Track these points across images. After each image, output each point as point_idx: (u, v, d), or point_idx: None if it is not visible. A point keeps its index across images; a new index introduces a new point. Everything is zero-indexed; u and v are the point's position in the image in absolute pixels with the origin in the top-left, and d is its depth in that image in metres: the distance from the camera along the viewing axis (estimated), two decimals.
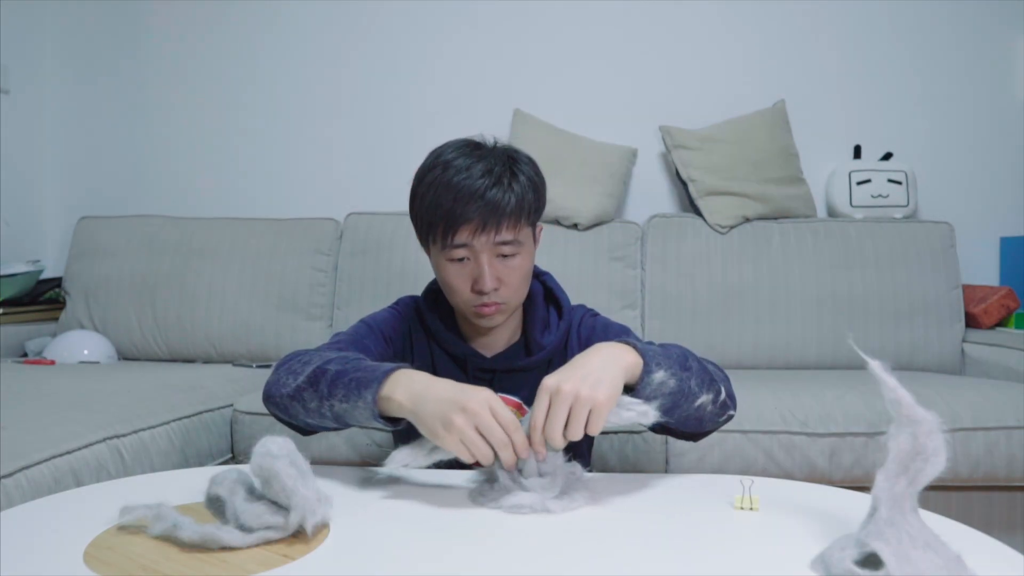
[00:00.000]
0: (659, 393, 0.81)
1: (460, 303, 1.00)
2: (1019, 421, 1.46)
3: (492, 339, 1.06)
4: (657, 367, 0.81)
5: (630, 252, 2.10)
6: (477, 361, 1.05)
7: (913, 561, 0.56)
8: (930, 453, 0.59)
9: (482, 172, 0.94)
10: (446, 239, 0.95)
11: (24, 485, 1.07)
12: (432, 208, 0.95)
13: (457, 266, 0.97)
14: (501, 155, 0.98)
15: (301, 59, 2.46)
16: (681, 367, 0.84)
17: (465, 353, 1.05)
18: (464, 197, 0.92)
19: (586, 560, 0.66)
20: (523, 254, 0.99)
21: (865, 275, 2.03)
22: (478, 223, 0.93)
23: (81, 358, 2.02)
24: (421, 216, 0.99)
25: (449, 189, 0.93)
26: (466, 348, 1.05)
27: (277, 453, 0.69)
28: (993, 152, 2.34)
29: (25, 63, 2.42)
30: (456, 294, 0.99)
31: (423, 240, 1.03)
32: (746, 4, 2.36)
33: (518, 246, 0.97)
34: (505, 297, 0.98)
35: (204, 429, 1.52)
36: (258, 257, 2.16)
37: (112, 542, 0.68)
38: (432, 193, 0.95)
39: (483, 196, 0.92)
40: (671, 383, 0.81)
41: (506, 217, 0.94)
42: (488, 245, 0.95)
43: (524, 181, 0.97)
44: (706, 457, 1.47)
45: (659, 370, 0.81)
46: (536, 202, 0.99)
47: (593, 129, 2.31)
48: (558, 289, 1.12)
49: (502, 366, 1.05)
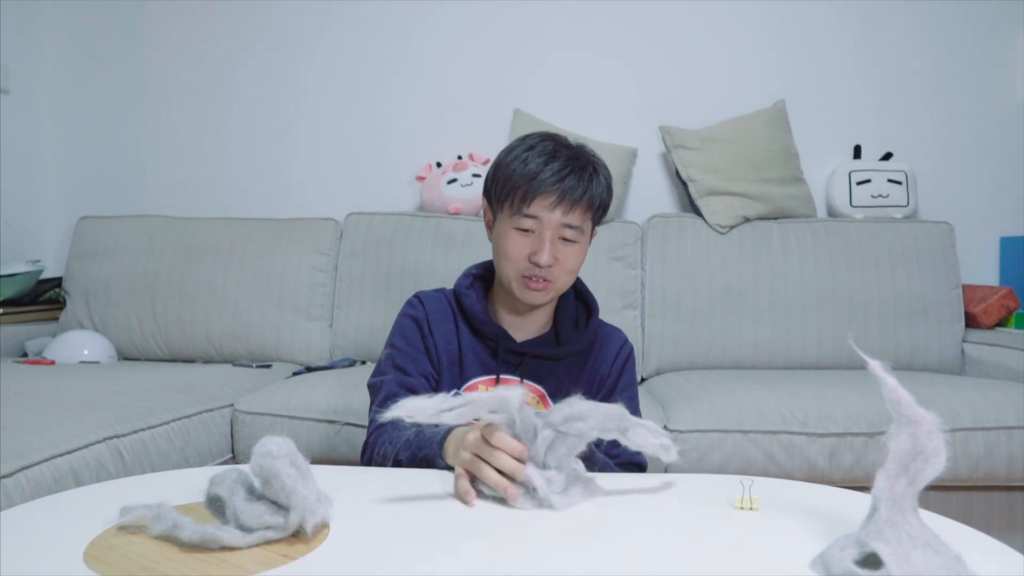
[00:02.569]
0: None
1: (511, 271, 1.05)
2: (1019, 421, 1.46)
3: (525, 326, 1.11)
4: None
5: (630, 252, 2.10)
6: (508, 343, 1.08)
7: (913, 561, 0.56)
8: (930, 453, 0.59)
9: (568, 159, 1.02)
10: (522, 206, 1.02)
11: (24, 485, 1.07)
12: (518, 175, 1.02)
13: (521, 236, 1.04)
14: (586, 153, 1.07)
15: (301, 59, 2.46)
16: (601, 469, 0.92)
17: (498, 334, 1.09)
18: (550, 173, 1.00)
19: (586, 560, 0.66)
20: (581, 245, 1.06)
21: (865, 275, 2.03)
22: (555, 199, 1.00)
23: (81, 358, 2.02)
24: (503, 182, 1.04)
25: (538, 163, 1.02)
26: (499, 330, 1.09)
27: (277, 453, 0.69)
28: (993, 152, 2.34)
29: (25, 63, 2.42)
30: (512, 262, 1.04)
31: (496, 206, 1.07)
32: (746, 4, 2.36)
33: (580, 235, 1.04)
34: (556, 276, 1.04)
35: (204, 429, 1.52)
36: (258, 257, 2.16)
37: (112, 542, 0.68)
38: (521, 163, 1.03)
39: (565, 179, 1.00)
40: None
41: (579, 203, 1.02)
42: (555, 223, 1.02)
43: (602, 181, 1.06)
44: (706, 457, 1.47)
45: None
46: (604, 203, 1.07)
47: (593, 129, 2.31)
48: (587, 292, 1.18)
49: (532, 351, 1.09)
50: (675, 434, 1.48)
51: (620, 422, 0.79)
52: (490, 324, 1.09)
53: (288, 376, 1.88)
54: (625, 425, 0.79)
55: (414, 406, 0.78)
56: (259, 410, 1.58)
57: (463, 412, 0.78)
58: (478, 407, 0.78)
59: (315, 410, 1.55)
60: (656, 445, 0.80)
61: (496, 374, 1.08)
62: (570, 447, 0.79)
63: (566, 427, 0.78)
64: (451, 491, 0.85)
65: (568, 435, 0.79)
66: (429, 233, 2.12)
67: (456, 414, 0.78)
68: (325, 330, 2.14)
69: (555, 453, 0.79)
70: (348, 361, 2.01)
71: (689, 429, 1.48)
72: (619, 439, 0.79)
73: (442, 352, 1.08)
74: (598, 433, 0.78)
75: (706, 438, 1.48)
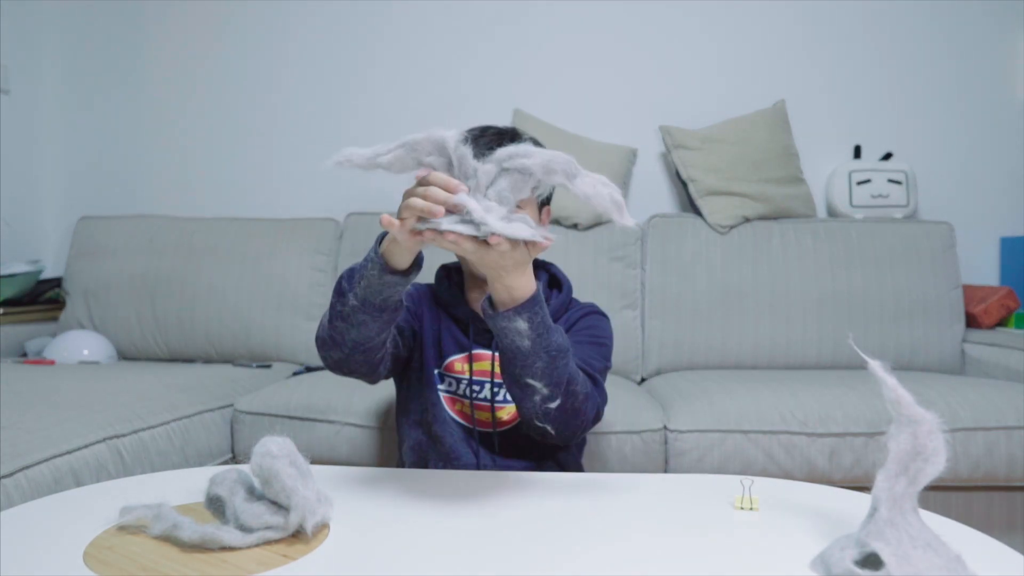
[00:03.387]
0: (510, 333, 0.85)
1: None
2: (1019, 421, 1.46)
3: None
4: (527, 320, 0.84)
5: (630, 252, 2.10)
6: (479, 324, 1.12)
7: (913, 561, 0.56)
8: (930, 453, 0.59)
9: (493, 135, 1.05)
10: None
11: (24, 485, 1.07)
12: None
13: None
14: (511, 128, 1.11)
15: (301, 59, 2.46)
16: (548, 352, 0.87)
17: (468, 316, 1.13)
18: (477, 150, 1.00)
19: (586, 560, 0.66)
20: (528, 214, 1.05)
21: (865, 275, 2.03)
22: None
23: (81, 358, 2.02)
24: None
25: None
26: (469, 311, 1.13)
27: (277, 453, 0.69)
28: (993, 152, 2.34)
29: (25, 63, 2.42)
30: None
31: None
32: (746, 4, 2.36)
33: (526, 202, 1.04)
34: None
35: (204, 429, 1.52)
36: (258, 257, 2.16)
37: (112, 542, 0.68)
38: None
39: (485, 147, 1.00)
40: (524, 343, 0.85)
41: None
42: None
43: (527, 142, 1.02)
44: (706, 457, 1.47)
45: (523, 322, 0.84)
46: None
47: (593, 129, 2.31)
48: (562, 275, 1.19)
49: None
50: (675, 434, 1.48)
51: (568, 167, 0.74)
52: (461, 306, 1.14)
53: (288, 376, 1.88)
54: (574, 171, 0.75)
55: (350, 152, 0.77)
56: (259, 410, 1.58)
57: (398, 154, 0.76)
58: (414, 148, 0.76)
59: (315, 410, 1.55)
60: (606, 196, 0.76)
61: (469, 350, 1.11)
62: (513, 184, 0.75)
63: (510, 163, 0.74)
64: (451, 491, 0.85)
65: (511, 171, 0.74)
66: None
67: (392, 156, 0.76)
68: None
69: (496, 188, 0.75)
70: None
71: (689, 429, 1.48)
72: (566, 185, 0.75)
73: (427, 329, 1.14)
74: (542, 173, 0.74)
75: (706, 438, 1.48)
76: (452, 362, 1.12)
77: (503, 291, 0.84)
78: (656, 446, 1.48)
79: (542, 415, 0.92)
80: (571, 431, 0.97)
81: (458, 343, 1.13)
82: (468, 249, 0.75)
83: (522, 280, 0.83)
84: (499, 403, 1.09)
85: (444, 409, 1.11)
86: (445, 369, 1.12)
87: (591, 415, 0.99)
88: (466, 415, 1.11)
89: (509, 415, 1.09)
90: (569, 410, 0.93)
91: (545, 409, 0.91)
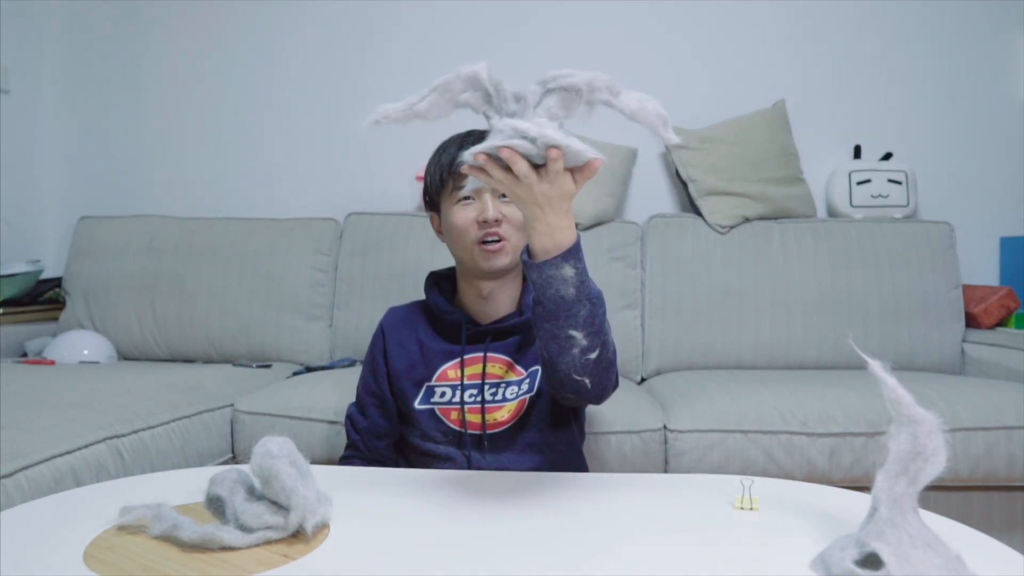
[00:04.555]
0: (555, 282, 0.82)
1: (467, 243, 1.08)
2: (1019, 421, 1.46)
3: (489, 311, 1.14)
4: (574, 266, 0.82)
5: (630, 252, 2.10)
6: (471, 326, 1.13)
7: (913, 561, 0.56)
8: (930, 453, 0.59)
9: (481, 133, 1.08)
10: (455, 184, 1.08)
11: (24, 485, 1.07)
12: (443, 165, 1.10)
13: (464, 207, 1.08)
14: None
15: (301, 59, 2.46)
16: (590, 300, 0.85)
17: (461, 319, 1.14)
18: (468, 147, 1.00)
19: (586, 560, 0.66)
20: None
21: (865, 275, 2.03)
22: None
23: (81, 358, 2.02)
24: (433, 180, 1.12)
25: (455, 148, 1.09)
26: (462, 315, 1.14)
27: (277, 453, 0.69)
28: (993, 152, 2.34)
29: (25, 63, 2.42)
30: (463, 233, 1.08)
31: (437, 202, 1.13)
32: (746, 4, 2.36)
33: None
34: (508, 233, 1.07)
35: (204, 429, 1.52)
36: (258, 257, 2.16)
37: (112, 542, 0.68)
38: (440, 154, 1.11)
39: None
40: (569, 291, 0.83)
41: None
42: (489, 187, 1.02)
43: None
44: (706, 457, 1.47)
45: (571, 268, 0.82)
46: None
47: (593, 129, 2.30)
48: None
49: (495, 327, 1.13)
50: (675, 434, 1.48)
51: (611, 83, 0.75)
52: (452, 311, 1.14)
53: (288, 376, 1.88)
54: (617, 88, 0.75)
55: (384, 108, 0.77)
56: (259, 410, 1.58)
57: (433, 99, 0.76)
58: (448, 89, 0.75)
59: (315, 410, 1.55)
60: (651, 111, 0.76)
61: (460, 356, 1.12)
62: (562, 101, 0.74)
63: (554, 83, 0.73)
64: (451, 491, 0.85)
65: (558, 90, 0.74)
66: (429, 233, 2.12)
67: (427, 103, 0.76)
68: (325, 330, 2.13)
69: (545, 106, 0.74)
70: (348, 361, 2.01)
71: (689, 429, 1.48)
72: (611, 102, 0.75)
73: (395, 359, 1.16)
74: (588, 90, 0.73)
75: (706, 438, 1.48)
76: (444, 371, 1.12)
77: (545, 234, 0.80)
78: (656, 446, 1.48)
79: (581, 367, 0.90)
80: (603, 385, 0.95)
81: (448, 353, 1.13)
82: (522, 171, 0.72)
83: (566, 220, 0.80)
84: (491, 404, 1.09)
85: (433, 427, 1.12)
86: (436, 380, 1.12)
87: (616, 375, 0.98)
88: (457, 421, 1.11)
89: (507, 414, 1.09)
90: (605, 361, 0.91)
91: (585, 360, 0.89)
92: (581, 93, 0.74)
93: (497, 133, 0.72)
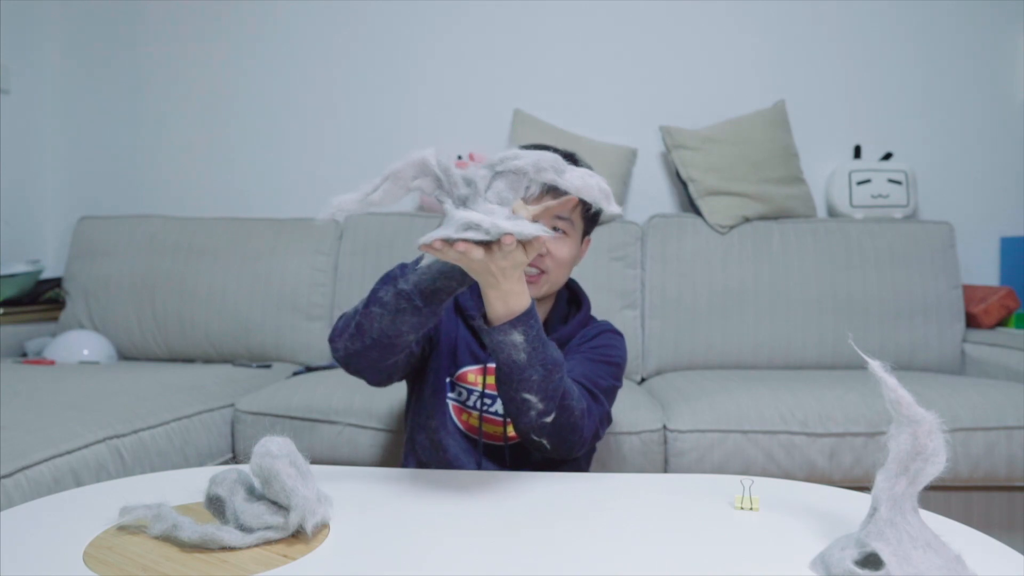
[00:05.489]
0: (506, 347, 0.86)
1: None
2: (1019, 421, 1.46)
3: None
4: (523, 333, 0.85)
5: (630, 252, 2.10)
6: None
7: (913, 561, 0.56)
8: (930, 453, 0.59)
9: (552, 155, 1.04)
10: None
11: (24, 485, 1.07)
12: None
13: None
14: (572, 155, 1.06)
15: (301, 59, 2.46)
16: (543, 365, 0.87)
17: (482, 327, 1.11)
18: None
19: (586, 560, 0.66)
20: (571, 239, 1.10)
21: (865, 275, 2.03)
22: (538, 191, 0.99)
23: (81, 358, 2.02)
24: None
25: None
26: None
27: (277, 453, 0.69)
28: (993, 152, 2.34)
29: (25, 63, 2.42)
30: None
31: None
32: (746, 4, 2.36)
33: (569, 227, 1.08)
34: (548, 267, 1.07)
35: (204, 429, 1.52)
36: (258, 257, 2.16)
37: (112, 542, 0.68)
38: None
39: None
40: (520, 356, 0.86)
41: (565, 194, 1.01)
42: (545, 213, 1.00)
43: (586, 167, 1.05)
44: (706, 457, 1.47)
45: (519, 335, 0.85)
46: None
47: (593, 129, 2.31)
48: (581, 292, 1.21)
49: None
50: (675, 434, 1.48)
51: (556, 163, 0.78)
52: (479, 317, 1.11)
53: (288, 376, 1.88)
54: (561, 168, 0.78)
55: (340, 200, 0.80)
56: (259, 410, 1.58)
57: (386, 188, 0.79)
58: (399, 177, 0.78)
59: (315, 410, 1.55)
60: (594, 187, 0.78)
61: (484, 363, 1.11)
62: (510, 184, 0.78)
63: (502, 166, 0.77)
64: (451, 491, 0.85)
65: (506, 172, 0.77)
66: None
67: (380, 192, 0.79)
68: (325, 330, 2.13)
69: (495, 190, 0.78)
70: None
71: (689, 429, 1.48)
72: (556, 181, 0.78)
73: (444, 337, 1.14)
74: (534, 172, 0.77)
75: (706, 438, 1.48)
76: (465, 373, 1.11)
77: (498, 301, 0.84)
78: (656, 446, 1.48)
79: (538, 429, 0.93)
80: (567, 446, 0.96)
81: (473, 354, 1.12)
82: (477, 257, 0.76)
83: (519, 286, 0.84)
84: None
85: (451, 419, 1.10)
86: (457, 379, 1.11)
87: (588, 432, 0.98)
88: (472, 427, 1.10)
89: None
90: (565, 425, 0.93)
91: (541, 423, 0.91)
92: (528, 174, 0.77)
93: (451, 221, 0.76)
